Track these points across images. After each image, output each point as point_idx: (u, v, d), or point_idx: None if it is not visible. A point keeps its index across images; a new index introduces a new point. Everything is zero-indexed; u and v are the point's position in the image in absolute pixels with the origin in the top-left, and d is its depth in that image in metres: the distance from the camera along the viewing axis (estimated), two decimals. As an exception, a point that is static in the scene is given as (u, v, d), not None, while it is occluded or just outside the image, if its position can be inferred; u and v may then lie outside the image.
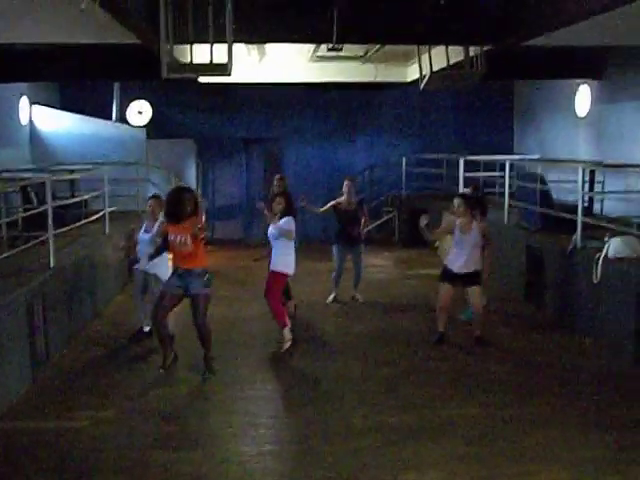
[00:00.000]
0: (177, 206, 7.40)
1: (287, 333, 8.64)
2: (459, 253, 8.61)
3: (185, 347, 8.50)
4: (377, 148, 18.69)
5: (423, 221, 8.57)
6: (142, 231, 8.86)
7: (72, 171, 12.30)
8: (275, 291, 8.73)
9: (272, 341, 8.81)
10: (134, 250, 8.92)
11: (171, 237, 7.51)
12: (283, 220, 8.63)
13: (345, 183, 10.90)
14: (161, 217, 8.55)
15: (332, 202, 10.94)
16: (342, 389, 7.37)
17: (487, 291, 9.50)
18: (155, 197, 9.14)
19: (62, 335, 8.61)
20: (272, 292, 8.72)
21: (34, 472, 5.55)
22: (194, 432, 6.30)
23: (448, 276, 8.70)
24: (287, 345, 8.59)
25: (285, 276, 8.83)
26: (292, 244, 8.76)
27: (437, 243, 10.23)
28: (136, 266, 8.90)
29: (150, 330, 8.76)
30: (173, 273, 7.70)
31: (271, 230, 8.70)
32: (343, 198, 10.85)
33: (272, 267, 8.79)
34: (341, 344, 9.02)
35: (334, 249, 10.96)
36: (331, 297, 11.10)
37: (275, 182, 10.77)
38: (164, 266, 8.50)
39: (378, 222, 17.15)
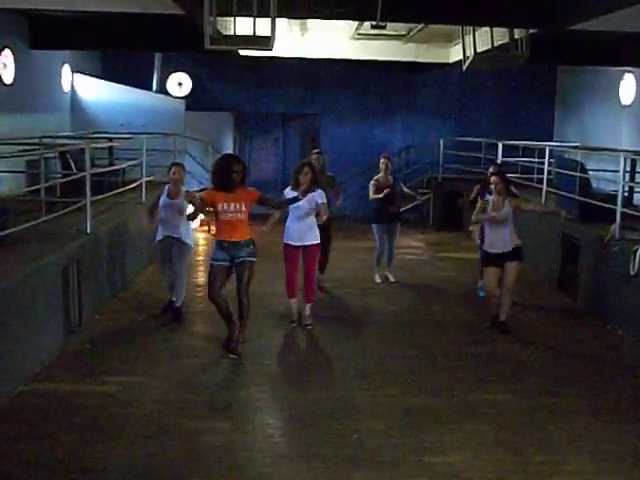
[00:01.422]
0: (229, 174, 7.29)
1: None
2: (493, 233, 8.55)
3: (216, 320, 8.59)
4: (415, 129, 18.56)
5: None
6: (164, 197, 8.72)
7: (111, 139, 12.37)
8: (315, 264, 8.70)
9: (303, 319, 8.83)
10: (156, 215, 8.76)
11: (223, 206, 7.32)
12: (317, 192, 8.29)
13: (381, 161, 10.89)
14: (185, 186, 8.64)
15: (372, 184, 10.78)
16: (369, 368, 7.37)
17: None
18: (178, 164, 9.04)
19: (95, 301, 8.71)
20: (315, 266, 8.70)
21: (63, 433, 5.63)
22: (221, 403, 6.35)
23: (491, 259, 8.62)
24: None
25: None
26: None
27: (472, 227, 10.14)
28: (162, 235, 8.72)
29: (179, 306, 8.77)
30: (218, 247, 7.51)
31: (303, 204, 8.18)
32: (380, 175, 10.83)
33: (314, 240, 8.46)
34: (370, 324, 9.02)
35: (374, 228, 10.92)
36: (377, 277, 11.03)
37: (313, 157, 10.45)
38: (188, 230, 8.61)
39: (412, 204, 17.04)
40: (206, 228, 14.86)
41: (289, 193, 8.38)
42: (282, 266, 8.67)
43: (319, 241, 8.57)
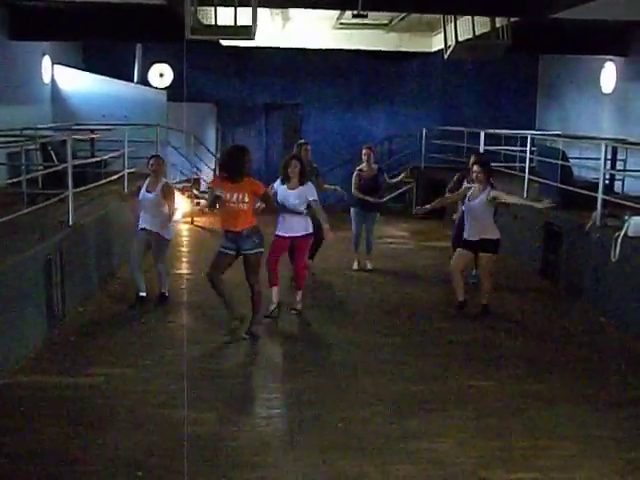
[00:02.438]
0: (237, 164, 7.40)
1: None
2: (471, 219, 8.66)
3: (204, 310, 8.62)
4: (398, 118, 18.59)
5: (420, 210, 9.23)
6: (144, 190, 8.79)
7: (92, 131, 12.31)
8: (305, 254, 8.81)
9: (286, 306, 8.84)
10: (137, 207, 8.88)
11: (226, 195, 7.41)
12: (308, 187, 8.42)
13: (364, 151, 10.97)
14: (164, 178, 8.75)
15: (355, 175, 10.88)
16: (354, 357, 7.40)
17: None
18: (157, 156, 9.15)
19: (78, 293, 8.68)
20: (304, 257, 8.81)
21: (48, 425, 5.62)
22: (207, 393, 6.35)
23: (465, 242, 8.73)
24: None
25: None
26: None
27: (455, 216, 10.21)
28: (139, 226, 8.81)
29: (145, 295, 8.87)
30: (225, 237, 7.60)
31: (293, 200, 8.34)
32: (363, 165, 10.92)
33: (304, 231, 8.51)
34: (354, 312, 9.04)
35: (352, 212, 11.06)
36: (355, 264, 11.16)
37: (295, 148, 10.50)
38: (165, 223, 8.71)
39: (396, 193, 17.07)
40: (189, 219, 14.89)
41: (278, 186, 8.48)
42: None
43: (310, 232, 8.61)
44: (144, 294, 8.87)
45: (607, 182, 10.35)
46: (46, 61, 14.48)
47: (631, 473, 5.10)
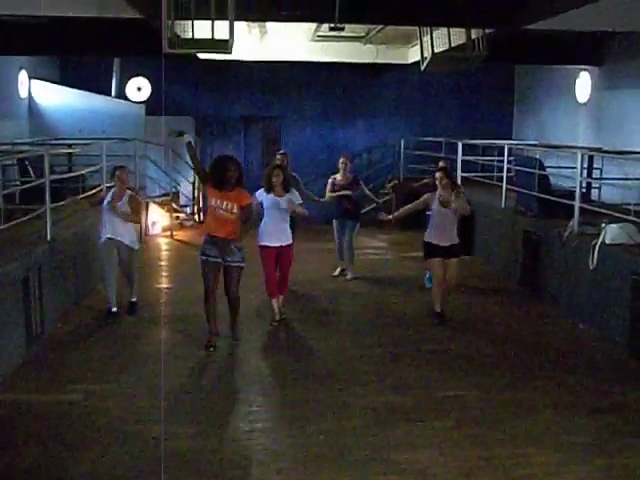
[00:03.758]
0: (226, 174, 7.48)
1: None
2: (441, 226, 8.77)
3: (184, 325, 8.60)
4: (376, 129, 18.65)
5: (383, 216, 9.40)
6: (108, 200, 8.86)
7: (70, 145, 12.25)
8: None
9: (267, 318, 8.83)
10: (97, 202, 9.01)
11: (215, 203, 7.52)
12: (292, 194, 8.76)
13: (341, 160, 11.18)
14: (129, 189, 8.95)
15: (329, 182, 11.08)
16: (335, 368, 7.40)
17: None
18: (122, 167, 9.22)
19: (57, 309, 8.62)
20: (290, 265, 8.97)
21: (27, 444, 5.57)
22: (188, 408, 6.34)
23: (435, 251, 8.82)
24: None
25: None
26: None
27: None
28: (103, 236, 8.84)
29: (116, 310, 8.94)
30: (208, 242, 7.70)
31: (284, 205, 8.59)
32: (338, 174, 11.08)
33: (288, 241, 8.76)
34: (336, 323, 9.06)
35: (334, 223, 11.28)
36: (337, 270, 11.38)
37: (278, 157, 10.69)
38: (131, 233, 8.88)
39: (374, 205, 17.09)
40: (169, 233, 14.84)
41: (261, 195, 8.67)
42: (253, 266, 8.66)
43: (292, 241, 8.87)
44: (115, 309, 8.93)
45: (584, 190, 10.44)
46: (23, 75, 14.40)
47: (612, 478, 5.14)
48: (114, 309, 8.92)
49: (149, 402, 6.39)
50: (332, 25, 11.53)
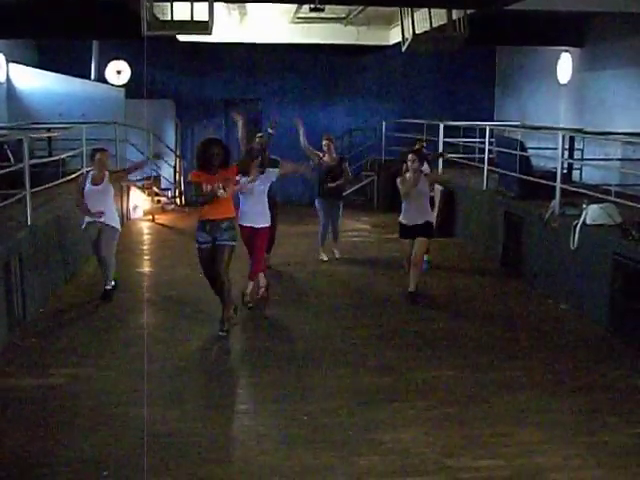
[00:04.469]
0: (212, 156, 7.52)
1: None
2: (412, 206, 8.96)
3: (166, 308, 8.59)
4: (358, 111, 18.64)
5: None
6: (88, 183, 8.82)
7: (49, 129, 12.14)
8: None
9: (251, 300, 8.85)
10: (82, 201, 8.86)
11: (205, 187, 7.53)
12: (271, 173, 8.82)
13: (324, 142, 11.21)
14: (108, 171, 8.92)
15: (318, 152, 11.13)
16: (318, 349, 7.41)
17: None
18: (103, 150, 9.17)
19: (39, 294, 8.57)
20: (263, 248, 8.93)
21: (9, 428, 5.55)
22: (170, 390, 6.33)
23: (406, 231, 9.06)
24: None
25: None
26: None
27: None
28: (86, 220, 8.84)
29: (113, 286, 8.99)
30: (199, 229, 7.73)
31: (258, 186, 8.61)
32: (325, 155, 11.10)
33: (264, 224, 8.73)
34: (319, 305, 9.06)
35: (317, 203, 11.26)
36: (323, 255, 11.31)
37: (256, 140, 10.61)
38: (114, 215, 8.92)
39: (357, 186, 17.12)
40: (150, 217, 14.79)
41: (241, 180, 8.56)
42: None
43: (269, 224, 8.83)
44: (113, 284, 9.02)
45: (565, 171, 10.50)
46: (0, 59, 14.24)
47: (593, 456, 5.19)
48: (108, 286, 8.97)
49: (132, 385, 6.37)
50: (312, 6, 11.51)
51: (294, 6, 12.66)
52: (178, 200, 16.94)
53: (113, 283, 9.05)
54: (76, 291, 9.45)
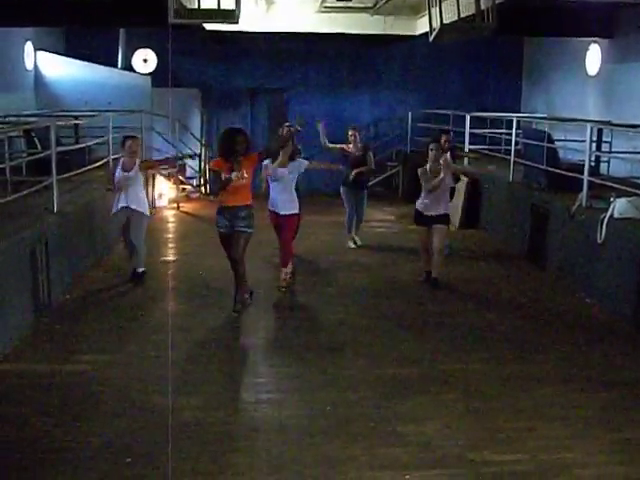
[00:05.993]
0: (235, 144, 7.70)
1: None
2: (431, 196, 9.12)
3: (190, 296, 8.61)
4: (383, 102, 18.53)
5: None
6: (119, 169, 8.94)
7: (76, 117, 12.20)
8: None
9: (274, 289, 8.87)
10: (112, 184, 9.03)
11: (225, 175, 7.70)
12: (300, 163, 8.98)
13: (350, 133, 11.34)
14: (139, 158, 9.06)
15: (341, 145, 11.31)
16: (342, 340, 7.41)
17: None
18: (134, 137, 9.28)
19: (64, 280, 8.64)
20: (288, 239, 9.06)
21: (34, 413, 5.59)
22: (194, 379, 6.35)
23: (421, 218, 9.25)
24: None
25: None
26: None
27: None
28: (119, 206, 8.95)
29: (142, 270, 9.16)
30: (219, 214, 7.92)
31: (288, 175, 8.79)
32: (351, 146, 11.24)
33: (288, 211, 8.88)
34: (343, 295, 9.04)
35: (342, 191, 11.42)
36: (351, 242, 11.54)
37: (284, 129, 10.60)
38: (144, 202, 9.07)
39: (382, 177, 17.06)
40: (175, 205, 14.83)
41: (269, 165, 8.83)
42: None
43: (297, 212, 9.04)
44: (141, 270, 9.19)
45: (592, 164, 10.35)
46: (29, 47, 14.33)
47: (617, 453, 5.14)
48: (139, 270, 9.20)
49: (156, 372, 6.41)
50: (340, -5, 11.44)
51: (321, -5, 12.62)
52: (203, 189, 16.97)
53: (143, 268, 9.21)
54: (101, 277, 9.51)
